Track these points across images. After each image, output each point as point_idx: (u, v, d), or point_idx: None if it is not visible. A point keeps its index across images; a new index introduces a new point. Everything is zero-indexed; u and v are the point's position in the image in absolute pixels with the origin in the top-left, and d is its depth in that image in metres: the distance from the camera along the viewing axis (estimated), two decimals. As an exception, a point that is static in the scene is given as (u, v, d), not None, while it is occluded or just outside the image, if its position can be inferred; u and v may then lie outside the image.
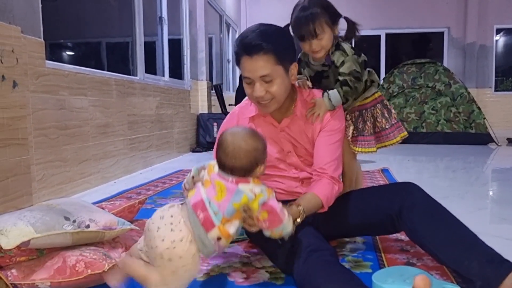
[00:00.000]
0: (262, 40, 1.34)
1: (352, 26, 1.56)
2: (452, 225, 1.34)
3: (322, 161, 1.51)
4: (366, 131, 1.71)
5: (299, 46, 1.58)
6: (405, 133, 1.73)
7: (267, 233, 1.19)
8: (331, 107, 1.51)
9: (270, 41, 1.35)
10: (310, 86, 1.63)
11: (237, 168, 1.16)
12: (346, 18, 1.55)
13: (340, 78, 1.55)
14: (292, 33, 1.52)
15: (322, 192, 1.45)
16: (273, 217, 1.16)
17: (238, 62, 1.43)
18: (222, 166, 1.18)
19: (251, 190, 1.13)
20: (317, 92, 1.58)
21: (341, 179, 1.59)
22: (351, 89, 1.54)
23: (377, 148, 1.73)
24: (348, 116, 1.72)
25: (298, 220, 1.33)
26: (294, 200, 1.44)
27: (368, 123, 1.70)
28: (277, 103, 1.45)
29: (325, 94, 1.53)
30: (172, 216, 1.14)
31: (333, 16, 1.51)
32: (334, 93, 1.52)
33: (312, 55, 1.57)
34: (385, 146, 1.73)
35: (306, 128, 1.54)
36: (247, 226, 1.19)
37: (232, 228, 1.14)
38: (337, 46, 1.55)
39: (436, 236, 1.31)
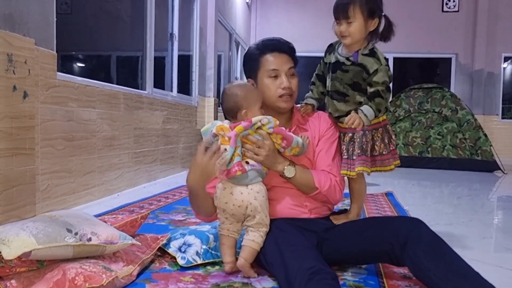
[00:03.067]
0: (285, 42, 1.67)
1: (389, 25, 1.57)
2: (456, 260, 1.33)
3: (322, 164, 1.66)
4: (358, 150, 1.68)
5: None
6: (398, 161, 1.72)
7: (288, 151, 1.52)
8: (368, 122, 1.55)
9: (291, 46, 1.68)
10: (310, 112, 1.73)
11: (225, 110, 1.58)
12: (385, 16, 1.57)
13: (372, 89, 1.54)
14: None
15: (317, 175, 1.63)
16: (286, 136, 1.50)
17: (259, 57, 1.63)
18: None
19: (260, 121, 1.49)
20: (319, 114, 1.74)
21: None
22: (383, 99, 1.54)
23: (371, 171, 1.71)
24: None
25: (287, 167, 1.55)
26: (304, 218, 1.62)
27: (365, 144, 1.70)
28: (294, 100, 1.66)
29: (359, 111, 1.55)
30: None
31: (372, 8, 1.53)
32: (367, 109, 1.54)
33: (340, 39, 1.58)
34: (378, 171, 1.70)
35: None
36: (254, 155, 1.50)
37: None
38: (371, 52, 1.56)
39: (440, 269, 1.30)
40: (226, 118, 1.61)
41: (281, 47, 1.64)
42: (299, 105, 1.77)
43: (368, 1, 1.51)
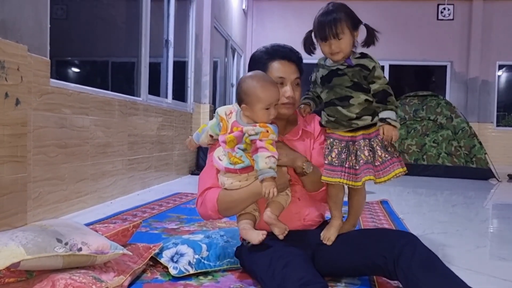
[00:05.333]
0: (295, 52, 1.69)
1: (372, 32, 1.61)
2: (449, 274, 1.33)
3: (316, 164, 1.66)
4: (362, 160, 1.60)
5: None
6: (404, 168, 1.65)
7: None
8: (398, 124, 1.56)
9: (299, 56, 1.70)
10: (309, 112, 1.73)
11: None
12: (366, 25, 1.60)
13: (376, 85, 1.55)
14: (313, 37, 1.61)
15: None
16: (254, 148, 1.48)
17: (267, 62, 1.64)
18: None
19: (248, 132, 1.47)
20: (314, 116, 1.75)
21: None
22: (392, 96, 1.57)
23: (378, 182, 1.62)
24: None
25: (306, 162, 1.57)
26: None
27: (365, 153, 1.63)
28: (295, 108, 1.68)
29: (387, 120, 1.53)
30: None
31: (354, 21, 1.57)
32: (389, 114, 1.54)
33: (330, 57, 1.60)
34: (384, 181, 1.61)
35: (305, 144, 1.71)
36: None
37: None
38: (363, 54, 1.60)
39: (432, 282, 1.29)
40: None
41: (291, 56, 1.65)
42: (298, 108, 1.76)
43: (349, 15, 1.56)
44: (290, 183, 1.60)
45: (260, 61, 1.65)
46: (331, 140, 1.62)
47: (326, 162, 1.60)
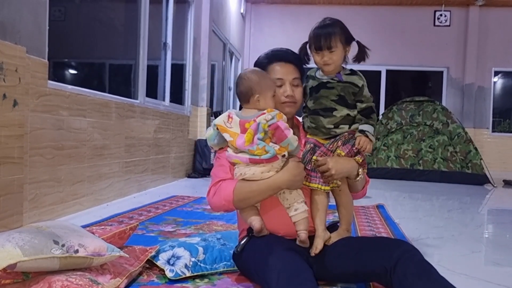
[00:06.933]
0: (292, 53, 1.75)
1: (363, 48, 1.71)
2: (444, 283, 1.34)
3: None
4: None
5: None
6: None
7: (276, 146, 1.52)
8: (374, 139, 1.64)
9: (298, 57, 1.76)
10: None
11: (238, 94, 1.63)
12: (358, 42, 1.70)
13: (363, 104, 1.66)
14: (308, 48, 1.71)
15: None
16: (278, 135, 1.52)
17: (267, 65, 1.71)
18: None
19: (264, 119, 1.51)
20: None
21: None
22: (375, 113, 1.68)
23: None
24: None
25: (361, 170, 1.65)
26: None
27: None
28: (297, 107, 1.72)
29: (366, 132, 1.62)
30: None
31: (348, 37, 1.67)
32: (367, 126, 1.64)
33: (321, 67, 1.70)
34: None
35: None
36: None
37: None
38: (353, 71, 1.70)
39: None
40: (239, 100, 1.66)
41: (288, 57, 1.72)
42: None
43: (343, 31, 1.66)
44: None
45: (260, 65, 1.73)
46: (311, 145, 1.70)
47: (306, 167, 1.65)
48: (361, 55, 1.71)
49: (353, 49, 1.71)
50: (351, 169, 1.64)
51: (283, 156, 1.55)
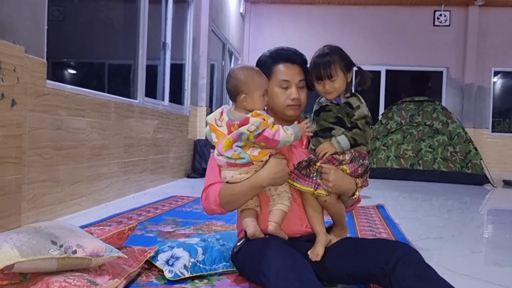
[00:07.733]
0: (299, 54, 1.71)
1: (364, 74, 1.66)
2: (443, 285, 1.33)
3: None
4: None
5: None
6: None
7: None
8: (340, 149, 1.58)
9: (304, 58, 1.72)
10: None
11: (227, 91, 1.60)
12: (359, 68, 1.67)
13: (353, 123, 1.62)
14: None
15: None
16: (268, 144, 1.51)
17: (272, 65, 1.65)
18: None
19: (247, 129, 1.48)
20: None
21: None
22: (360, 130, 1.60)
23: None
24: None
25: (359, 189, 1.61)
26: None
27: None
28: (302, 110, 1.70)
29: (333, 139, 1.59)
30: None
31: (348, 64, 1.64)
32: (341, 137, 1.59)
33: (324, 96, 1.67)
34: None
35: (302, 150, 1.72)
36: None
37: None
38: (352, 94, 1.67)
39: None
40: (229, 97, 1.65)
41: (295, 58, 1.68)
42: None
43: (342, 58, 1.62)
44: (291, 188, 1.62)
45: (264, 65, 1.67)
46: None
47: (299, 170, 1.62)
48: (362, 81, 1.66)
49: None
50: (348, 190, 1.59)
51: (261, 161, 1.54)
